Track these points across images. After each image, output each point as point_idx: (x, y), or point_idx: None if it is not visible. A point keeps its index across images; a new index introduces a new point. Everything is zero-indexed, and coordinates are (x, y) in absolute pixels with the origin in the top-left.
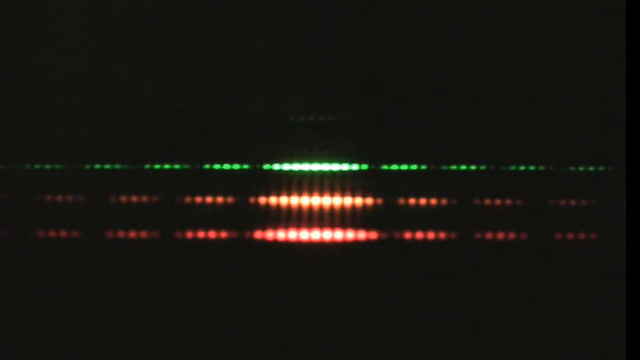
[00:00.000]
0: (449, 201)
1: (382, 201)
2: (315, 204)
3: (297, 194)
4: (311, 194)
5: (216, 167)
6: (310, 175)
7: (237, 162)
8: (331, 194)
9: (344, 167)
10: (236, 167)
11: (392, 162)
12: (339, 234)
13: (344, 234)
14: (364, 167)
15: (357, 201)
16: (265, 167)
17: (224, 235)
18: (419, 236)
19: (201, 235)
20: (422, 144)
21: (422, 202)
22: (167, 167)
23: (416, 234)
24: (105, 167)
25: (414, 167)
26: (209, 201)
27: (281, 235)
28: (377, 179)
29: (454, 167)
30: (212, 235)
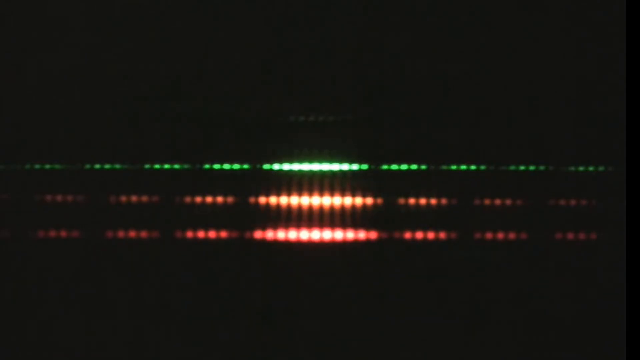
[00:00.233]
0: (449, 201)
1: (382, 201)
2: (315, 204)
3: (297, 194)
4: (311, 194)
5: (216, 167)
6: (310, 175)
7: (237, 162)
8: (331, 194)
9: (344, 167)
10: (236, 167)
11: (392, 162)
12: (339, 234)
13: (344, 234)
14: (364, 167)
15: (357, 201)
16: (265, 167)
17: (224, 235)
18: (419, 236)
19: (201, 235)
20: (422, 144)
21: (422, 202)
22: (167, 167)
23: (416, 234)
24: (105, 167)
25: (414, 167)
26: (209, 201)
27: (281, 235)
28: (377, 179)
29: (454, 167)
30: (212, 235)
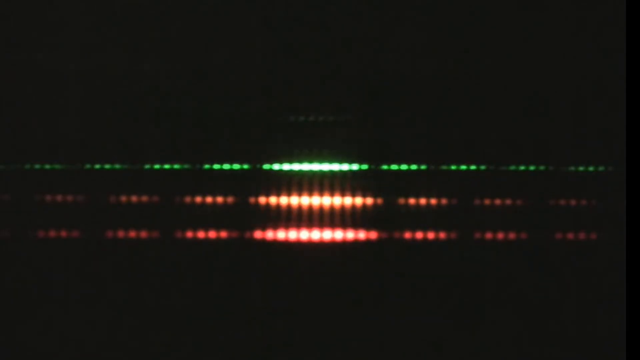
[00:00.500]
0: (449, 201)
1: (382, 201)
2: (315, 204)
3: (297, 194)
4: (311, 194)
5: (216, 167)
6: (310, 175)
7: (237, 162)
8: (331, 194)
9: (344, 167)
10: (236, 167)
11: (392, 162)
12: (339, 234)
13: (344, 234)
14: (364, 167)
15: (357, 201)
16: (265, 167)
17: (224, 235)
18: (419, 236)
19: (201, 235)
20: (422, 144)
21: (422, 202)
22: (167, 167)
23: (416, 234)
24: (105, 167)
25: (414, 167)
26: (209, 201)
27: (281, 235)
28: (377, 179)
29: (454, 167)
30: (212, 235)
